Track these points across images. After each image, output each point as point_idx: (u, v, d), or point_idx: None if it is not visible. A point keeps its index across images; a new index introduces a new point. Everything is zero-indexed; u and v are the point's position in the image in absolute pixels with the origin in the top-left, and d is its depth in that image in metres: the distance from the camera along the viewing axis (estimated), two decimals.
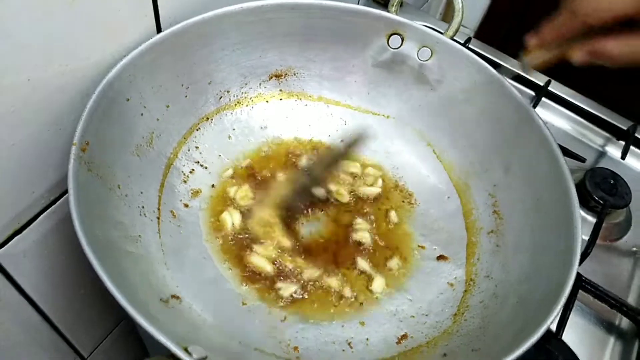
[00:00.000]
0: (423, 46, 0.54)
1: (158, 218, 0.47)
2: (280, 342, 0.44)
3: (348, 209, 0.53)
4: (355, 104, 0.60)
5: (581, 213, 0.51)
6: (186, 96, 0.52)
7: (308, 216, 0.52)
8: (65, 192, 0.45)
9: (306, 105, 0.59)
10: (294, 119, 0.59)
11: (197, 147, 0.53)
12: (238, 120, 0.57)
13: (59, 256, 0.49)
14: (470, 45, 0.76)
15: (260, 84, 0.57)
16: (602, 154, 0.72)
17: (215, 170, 0.53)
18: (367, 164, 0.57)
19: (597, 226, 0.58)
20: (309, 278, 0.48)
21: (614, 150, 0.73)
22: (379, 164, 0.57)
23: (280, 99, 0.59)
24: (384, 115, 0.59)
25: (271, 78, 0.58)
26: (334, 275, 0.48)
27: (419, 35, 0.54)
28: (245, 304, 0.45)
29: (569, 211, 0.43)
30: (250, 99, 0.57)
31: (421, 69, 0.56)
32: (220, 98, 0.55)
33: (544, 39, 0.42)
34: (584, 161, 0.67)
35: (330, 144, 0.58)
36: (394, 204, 0.54)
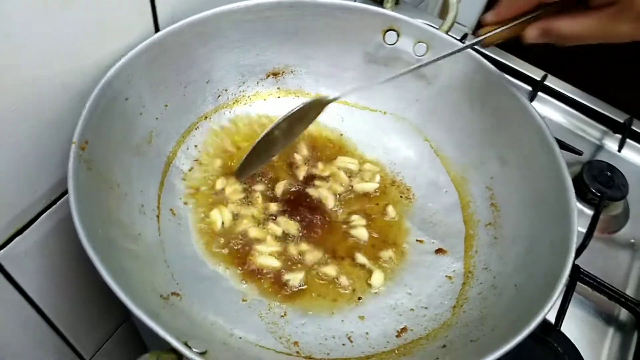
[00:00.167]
0: (419, 41, 0.54)
1: (158, 216, 0.48)
2: (280, 337, 0.44)
3: (345, 206, 0.54)
4: (353, 100, 0.60)
5: (579, 206, 0.52)
6: (185, 95, 0.52)
7: (304, 220, 0.52)
8: (66, 192, 0.46)
9: None
10: None
11: (196, 146, 0.54)
12: (236, 118, 0.57)
13: (60, 256, 0.49)
14: (466, 41, 0.76)
15: (258, 82, 0.58)
16: (599, 147, 0.73)
17: (214, 169, 0.54)
18: (365, 160, 0.57)
19: (595, 218, 0.59)
20: (312, 261, 0.48)
21: (611, 143, 0.73)
22: (376, 160, 0.58)
23: (278, 97, 0.59)
24: (381, 111, 0.60)
25: (269, 76, 0.58)
26: (334, 265, 0.49)
27: (415, 30, 0.54)
28: (245, 301, 0.46)
29: (564, 201, 0.43)
30: (249, 97, 0.58)
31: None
32: (219, 97, 0.56)
33: (500, 15, 0.43)
34: (581, 154, 0.68)
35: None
36: (391, 199, 0.55)
